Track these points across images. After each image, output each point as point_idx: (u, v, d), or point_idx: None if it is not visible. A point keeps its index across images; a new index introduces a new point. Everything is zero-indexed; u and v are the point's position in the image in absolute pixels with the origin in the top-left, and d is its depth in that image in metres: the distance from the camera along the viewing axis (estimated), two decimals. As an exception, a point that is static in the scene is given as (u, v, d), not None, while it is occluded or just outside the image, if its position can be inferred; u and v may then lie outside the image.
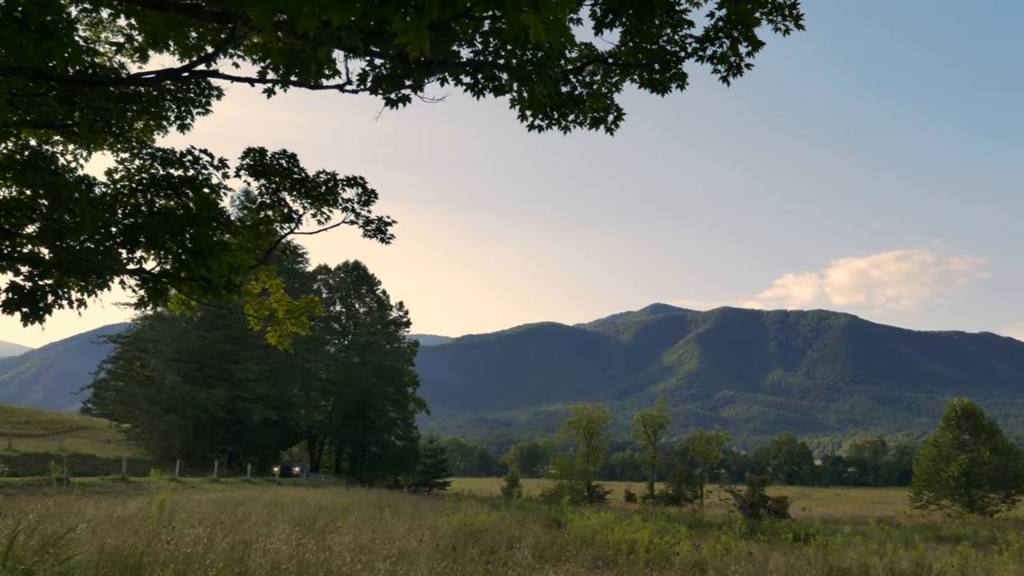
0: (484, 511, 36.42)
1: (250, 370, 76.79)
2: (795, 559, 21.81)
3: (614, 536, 24.13)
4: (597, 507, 61.01)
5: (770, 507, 51.98)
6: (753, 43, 10.40)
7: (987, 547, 29.27)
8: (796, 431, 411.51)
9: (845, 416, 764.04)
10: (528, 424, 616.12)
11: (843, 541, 26.13)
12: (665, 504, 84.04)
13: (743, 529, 34.92)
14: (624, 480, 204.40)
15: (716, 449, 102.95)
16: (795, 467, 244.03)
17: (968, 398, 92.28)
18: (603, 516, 33.48)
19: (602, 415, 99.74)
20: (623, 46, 10.60)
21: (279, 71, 11.31)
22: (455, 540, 21.67)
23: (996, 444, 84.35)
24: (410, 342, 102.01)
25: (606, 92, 11.22)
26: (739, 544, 26.23)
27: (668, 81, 10.80)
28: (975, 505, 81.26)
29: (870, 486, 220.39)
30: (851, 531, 34.26)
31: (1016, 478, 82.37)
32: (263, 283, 15.96)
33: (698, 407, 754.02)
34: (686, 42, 10.57)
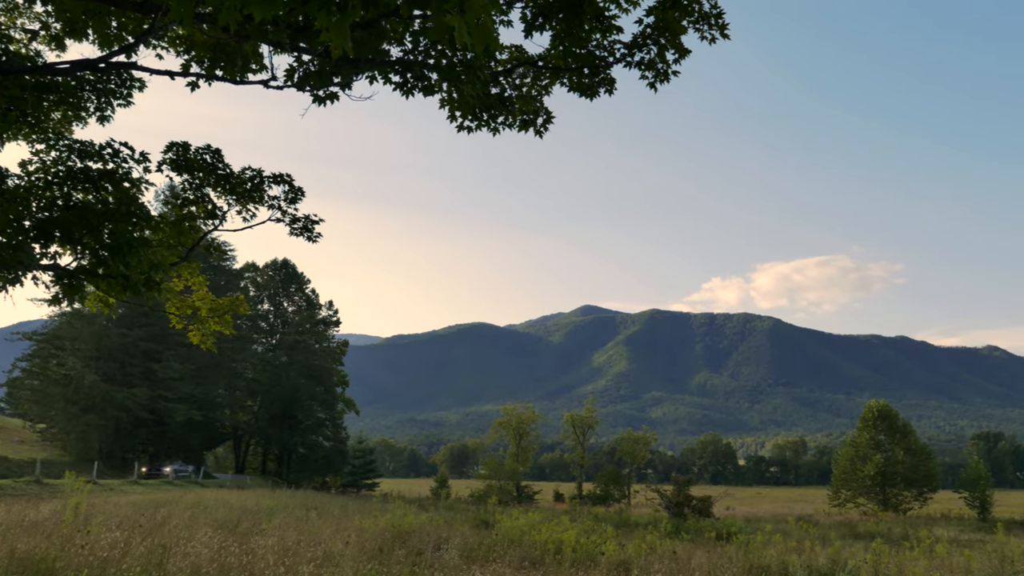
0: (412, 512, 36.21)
1: (173, 369, 74.93)
2: (717, 557, 22.21)
3: (541, 536, 24.21)
4: (526, 507, 61.23)
5: (695, 506, 52.86)
6: (680, 51, 10.54)
7: (900, 544, 30.26)
8: (721, 432, 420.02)
9: (768, 417, 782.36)
10: (458, 425, 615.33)
11: (764, 539, 26.63)
12: (593, 504, 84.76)
13: (668, 528, 35.45)
14: (553, 480, 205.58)
15: (643, 449, 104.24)
16: (720, 467, 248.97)
17: (884, 400, 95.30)
18: (531, 516, 33.58)
19: (532, 416, 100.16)
20: (553, 50, 10.64)
21: (204, 64, 11.04)
22: (382, 542, 21.49)
23: (909, 444, 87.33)
24: (339, 342, 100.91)
25: (536, 95, 11.25)
26: (664, 543, 26.56)
27: (597, 86, 10.89)
28: (889, 503, 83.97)
29: (791, 485, 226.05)
30: (772, 529, 35.02)
31: (928, 477, 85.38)
32: (185, 280, 15.58)
33: (627, 408, 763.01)
34: (615, 48, 10.65)
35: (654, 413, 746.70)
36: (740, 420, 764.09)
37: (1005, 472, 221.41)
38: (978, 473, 76.24)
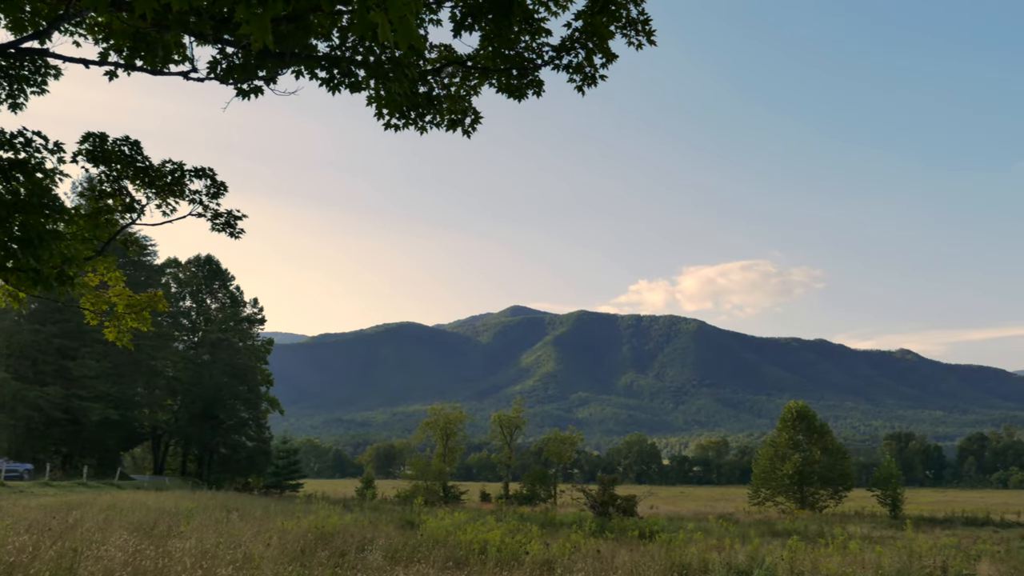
0: (336, 513, 35.82)
1: (89, 367, 72.52)
2: (640, 556, 22.51)
3: (466, 536, 24.22)
4: (452, 508, 61.10)
5: (619, 505, 53.47)
6: (607, 55, 10.62)
7: (815, 541, 31.09)
8: (646, 432, 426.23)
9: (692, 417, 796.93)
10: (385, 425, 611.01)
11: (685, 537, 27.14)
12: (519, 504, 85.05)
13: (592, 527, 35.80)
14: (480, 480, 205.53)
15: (570, 449, 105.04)
16: (644, 466, 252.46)
17: (803, 401, 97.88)
18: (457, 516, 33.55)
19: (459, 416, 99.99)
20: (482, 50, 10.60)
21: (123, 53, 10.68)
22: (304, 543, 21.20)
23: (826, 444, 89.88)
24: (264, 340, 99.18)
25: (465, 95, 11.21)
26: (588, 542, 26.82)
27: (525, 87, 10.92)
28: (806, 501, 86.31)
29: (713, 484, 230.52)
30: (693, 527, 35.70)
31: (843, 476, 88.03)
32: (101, 275, 15.09)
33: (554, 408, 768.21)
34: (543, 50, 10.67)
35: (581, 413, 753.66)
36: (665, 420, 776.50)
37: (915, 471, 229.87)
38: (890, 472, 78.97)
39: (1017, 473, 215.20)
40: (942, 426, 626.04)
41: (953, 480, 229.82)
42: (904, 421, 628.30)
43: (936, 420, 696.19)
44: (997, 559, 27.55)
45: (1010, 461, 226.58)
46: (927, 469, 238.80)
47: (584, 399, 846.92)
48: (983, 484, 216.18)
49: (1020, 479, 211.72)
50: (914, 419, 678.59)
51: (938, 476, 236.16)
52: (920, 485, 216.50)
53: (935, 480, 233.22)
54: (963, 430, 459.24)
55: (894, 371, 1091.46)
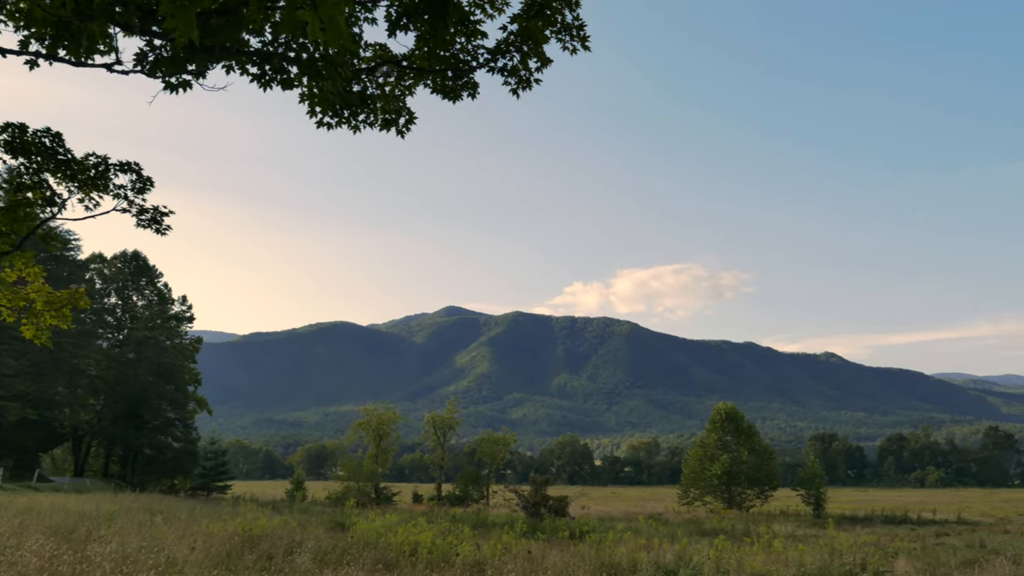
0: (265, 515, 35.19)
1: (6, 365, 69.91)
2: (570, 556, 22.65)
3: (397, 538, 24.06)
4: (384, 509, 60.64)
5: (551, 506, 53.72)
6: (542, 59, 10.66)
7: (741, 539, 31.72)
8: (579, 432, 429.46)
9: (624, 418, 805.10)
10: (317, 425, 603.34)
11: (615, 537, 27.38)
12: (452, 505, 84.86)
13: (524, 528, 35.86)
14: (413, 481, 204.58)
15: (503, 450, 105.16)
16: (577, 467, 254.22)
17: (731, 402, 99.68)
18: (388, 518, 33.31)
19: (392, 416, 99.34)
20: (418, 51, 10.54)
21: (45, 42, 10.31)
22: (231, 546, 20.79)
23: (754, 445, 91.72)
24: (192, 338, 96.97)
25: (399, 95, 11.11)
26: (520, 543, 26.85)
27: (460, 89, 10.89)
28: (734, 501, 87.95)
29: (644, 484, 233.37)
30: (623, 528, 36.05)
31: (769, 476, 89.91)
32: (19, 271, 14.55)
33: (488, 409, 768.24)
34: (478, 52, 10.66)
35: (515, 414, 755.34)
36: (597, 421, 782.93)
37: (838, 470, 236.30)
38: (814, 472, 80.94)
39: (933, 472, 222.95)
40: (864, 427, 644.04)
41: (873, 479, 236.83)
42: (828, 422, 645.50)
43: (858, 421, 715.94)
44: (913, 556, 28.48)
45: (927, 461, 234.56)
46: (849, 469, 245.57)
47: (518, 400, 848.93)
48: (902, 483, 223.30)
49: (936, 478, 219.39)
50: (837, 420, 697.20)
51: (859, 475, 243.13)
52: (842, 484, 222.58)
53: (856, 479, 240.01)
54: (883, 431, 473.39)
55: (819, 373, 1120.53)
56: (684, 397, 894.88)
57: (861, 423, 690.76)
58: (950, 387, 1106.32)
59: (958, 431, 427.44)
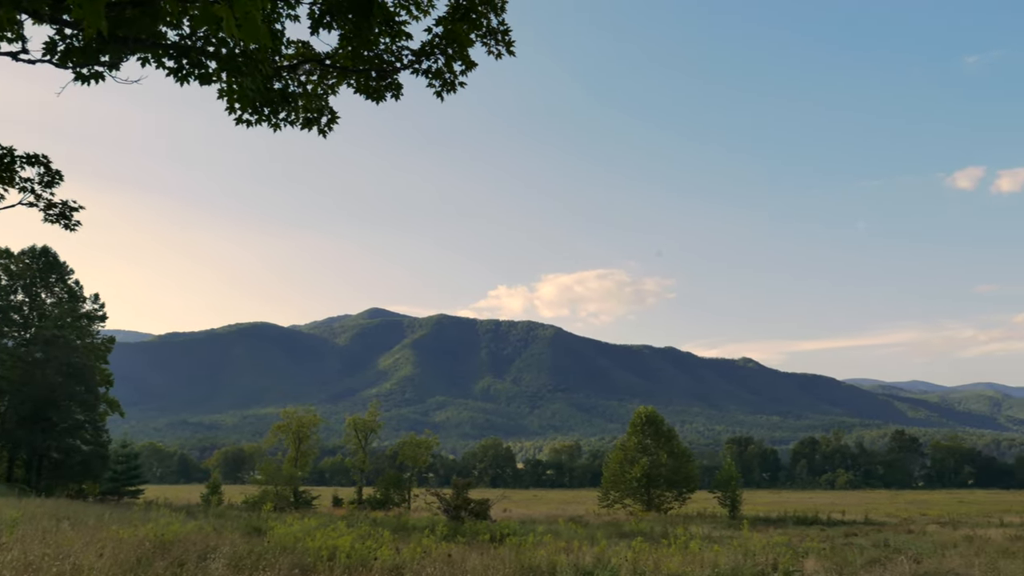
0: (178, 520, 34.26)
1: (-98, 364, 66.58)
2: (490, 559, 22.64)
3: (315, 543, 23.70)
4: (303, 513, 59.75)
5: (472, 509, 53.73)
6: (467, 63, 10.66)
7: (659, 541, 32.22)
8: (502, 436, 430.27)
9: (547, 422, 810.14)
10: (235, 428, 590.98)
11: (535, 540, 27.50)
12: (372, 508, 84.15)
13: (444, 532, 35.76)
14: (334, 485, 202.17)
15: (425, 453, 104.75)
16: (499, 470, 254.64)
17: (652, 406, 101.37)
18: (306, 522, 32.79)
19: (313, 419, 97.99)
20: (341, 50, 10.42)
21: (-55, 28, 9.85)
22: (141, 553, 20.17)
23: (673, 448, 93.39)
24: (105, 338, 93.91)
25: (322, 94, 10.96)
26: (440, 546, 26.75)
27: (384, 89, 10.80)
28: (653, 503, 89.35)
29: (566, 487, 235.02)
30: (543, 530, 36.28)
31: (688, 479, 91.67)
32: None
33: (411, 412, 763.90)
34: (403, 54, 10.59)
35: (438, 417, 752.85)
36: (520, 425, 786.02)
37: (753, 473, 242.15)
38: (730, 474, 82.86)
39: (843, 475, 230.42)
40: (779, 431, 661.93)
41: (787, 482, 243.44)
42: (745, 426, 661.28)
43: (773, 425, 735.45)
44: (822, 556, 29.37)
45: (837, 463, 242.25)
46: (764, 471, 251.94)
47: (441, 403, 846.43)
48: (813, 485, 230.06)
49: (845, 480, 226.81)
50: (754, 424, 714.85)
51: (774, 478, 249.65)
52: (757, 486, 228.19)
53: (771, 482, 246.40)
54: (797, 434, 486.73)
55: (737, 378, 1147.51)
56: (606, 401, 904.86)
57: (776, 427, 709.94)
58: (860, 392, 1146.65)
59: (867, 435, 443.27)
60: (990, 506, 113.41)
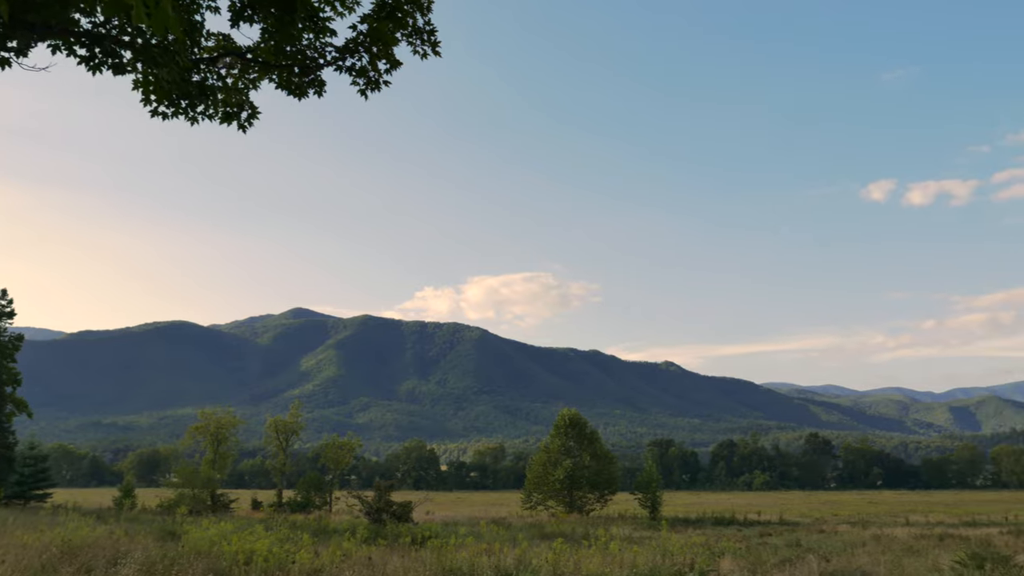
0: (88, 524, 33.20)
1: None
2: (411, 561, 22.53)
3: (231, 547, 23.22)
4: (220, 517, 58.49)
5: (394, 512, 53.41)
6: (392, 62, 10.55)
7: (580, 542, 32.53)
8: (426, 438, 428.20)
9: (472, 424, 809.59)
10: (151, 429, 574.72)
11: (457, 542, 27.48)
12: (292, 511, 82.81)
13: (365, 534, 35.43)
14: (253, 488, 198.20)
15: (348, 455, 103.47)
16: (423, 472, 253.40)
17: (575, 408, 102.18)
18: (223, 526, 32.11)
19: (232, 420, 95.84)
20: (264, 44, 10.23)
21: None
22: (46, 559, 19.46)
23: (595, 450, 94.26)
24: (13, 335, 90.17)
25: (243, 88, 10.70)
26: (360, 549, 26.53)
27: (306, 86, 10.63)
28: (575, 505, 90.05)
29: (490, 489, 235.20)
30: (465, 532, 36.22)
31: (609, 480, 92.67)
32: None
33: (334, 413, 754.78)
34: (326, 50, 10.44)
35: (361, 419, 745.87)
36: (445, 427, 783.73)
37: (674, 475, 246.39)
38: (651, 476, 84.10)
39: (760, 476, 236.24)
40: (699, 433, 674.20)
41: (706, 483, 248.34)
42: (666, 428, 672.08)
43: (694, 428, 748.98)
44: (738, 555, 30.04)
45: (754, 465, 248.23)
46: (684, 473, 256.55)
47: (365, 404, 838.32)
48: (731, 486, 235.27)
49: (762, 481, 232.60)
50: (675, 427, 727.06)
51: (693, 479, 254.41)
52: (677, 488, 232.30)
53: (690, 483, 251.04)
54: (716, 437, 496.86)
55: (658, 381, 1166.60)
56: (531, 403, 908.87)
57: (696, 429, 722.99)
58: (777, 396, 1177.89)
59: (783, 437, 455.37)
60: (897, 506, 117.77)
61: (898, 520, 76.43)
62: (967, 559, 19.03)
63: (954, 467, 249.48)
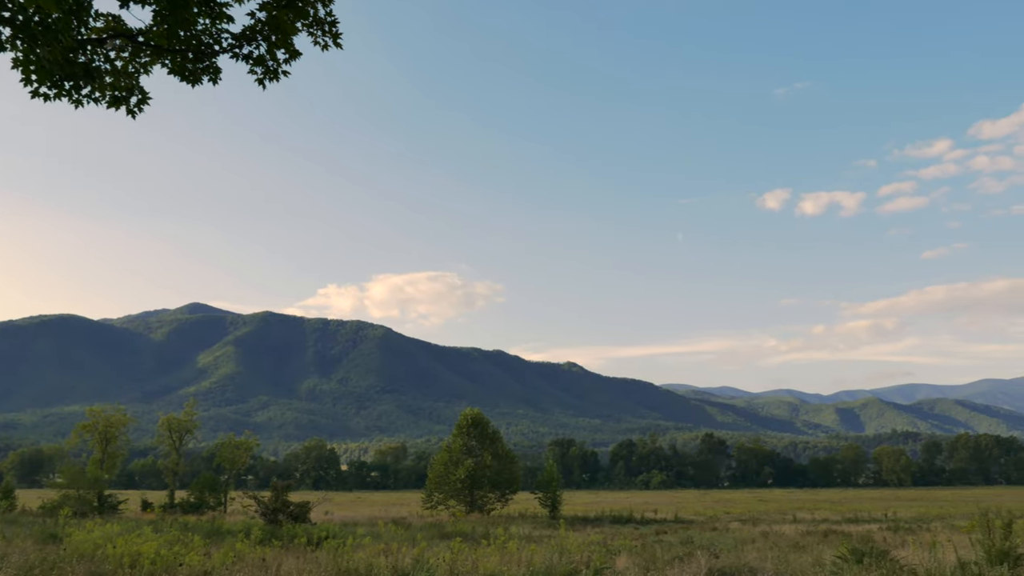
0: (-40, 528, 31.43)
1: None
2: (306, 563, 22.17)
3: (117, 550, 22.38)
4: (107, 519, 56.34)
5: (291, 512, 52.46)
6: (291, 51, 10.31)
7: (479, 541, 32.60)
8: (327, 437, 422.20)
9: (374, 423, 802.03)
10: (35, 427, 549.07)
11: (355, 543, 27.17)
12: (184, 513, 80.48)
13: (260, 535, 34.67)
14: (144, 488, 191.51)
15: (245, 455, 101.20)
16: (323, 472, 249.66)
17: (478, 408, 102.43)
18: (109, 528, 30.91)
19: (122, 418, 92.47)
20: (156, 27, 9.85)
21: None
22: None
23: (497, 450, 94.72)
24: None
25: (133, 71, 10.25)
26: (254, 551, 25.96)
27: (201, 72, 10.27)
28: (476, 504, 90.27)
29: (391, 489, 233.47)
30: (363, 532, 35.87)
31: (510, 480, 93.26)
32: None
33: (231, 411, 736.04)
34: (222, 36, 10.14)
35: (260, 417, 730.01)
36: (346, 426, 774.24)
37: (574, 474, 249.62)
38: (552, 476, 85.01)
39: (657, 475, 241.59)
40: (599, 433, 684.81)
41: (605, 482, 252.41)
42: (568, 428, 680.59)
43: (594, 428, 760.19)
44: (633, 553, 30.64)
45: (652, 464, 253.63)
46: (584, 472, 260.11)
47: (264, 403, 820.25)
48: (630, 485, 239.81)
49: (659, 480, 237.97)
50: (576, 427, 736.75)
51: (593, 479, 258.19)
52: (577, 487, 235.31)
53: (590, 482, 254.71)
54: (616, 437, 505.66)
55: (560, 381, 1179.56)
56: (434, 402, 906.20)
57: (597, 429, 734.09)
58: (675, 397, 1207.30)
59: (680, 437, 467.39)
60: (786, 504, 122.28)
61: (786, 517, 79.34)
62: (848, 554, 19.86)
63: (839, 466, 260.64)
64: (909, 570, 16.76)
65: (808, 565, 21.79)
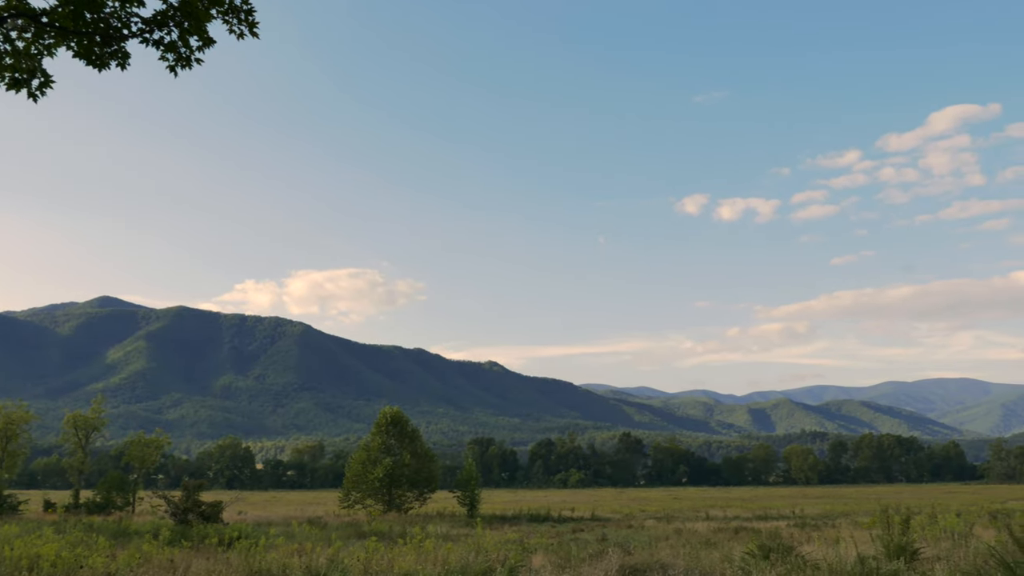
0: None
1: None
2: (217, 564, 21.71)
3: (14, 552, 21.50)
4: (5, 520, 54.08)
5: (202, 512, 51.28)
6: (204, 39, 10.03)
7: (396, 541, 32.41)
8: (242, 435, 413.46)
9: (291, 421, 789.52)
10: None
11: (267, 543, 26.74)
12: (89, 513, 77.87)
13: (168, 536, 33.79)
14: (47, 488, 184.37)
15: (155, 453, 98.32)
16: (237, 471, 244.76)
17: (398, 407, 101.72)
18: (6, 529, 29.70)
19: (24, 415, 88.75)
20: (62, 7, 9.44)
21: None
22: None
23: (416, 448, 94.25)
24: None
25: (36, 53, 9.84)
26: (162, 552, 25.33)
27: (108, 57, 9.90)
28: (394, 503, 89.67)
29: (307, 488, 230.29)
30: (276, 532, 35.31)
31: (429, 479, 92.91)
32: None
33: (142, 409, 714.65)
34: (132, 20, 9.79)
35: (172, 415, 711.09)
36: (263, 424, 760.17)
37: (493, 473, 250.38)
38: (471, 474, 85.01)
39: (576, 474, 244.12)
40: (519, 432, 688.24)
41: (524, 481, 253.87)
42: (487, 427, 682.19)
43: (514, 427, 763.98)
44: (550, 551, 30.90)
45: (570, 463, 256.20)
46: (503, 471, 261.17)
47: (177, 400, 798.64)
48: (548, 484, 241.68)
49: (577, 479, 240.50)
50: (496, 426, 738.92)
51: (512, 477, 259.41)
52: (496, 486, 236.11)
53: (509, 481, 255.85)
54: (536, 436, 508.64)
55: (482, 381, 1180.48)
56: (353, 401, 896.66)
57: (517, 428, 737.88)
58: (594, 397, 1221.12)
59: (598, 436, 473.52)
60: (699, 502, 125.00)
61: (699, 515, 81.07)
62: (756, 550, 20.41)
63: (751, 465, 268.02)
64: (813, 565, 17.32)
65: (718, 561, 22.31)
